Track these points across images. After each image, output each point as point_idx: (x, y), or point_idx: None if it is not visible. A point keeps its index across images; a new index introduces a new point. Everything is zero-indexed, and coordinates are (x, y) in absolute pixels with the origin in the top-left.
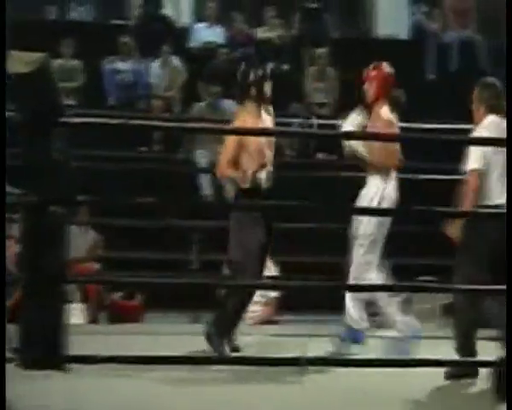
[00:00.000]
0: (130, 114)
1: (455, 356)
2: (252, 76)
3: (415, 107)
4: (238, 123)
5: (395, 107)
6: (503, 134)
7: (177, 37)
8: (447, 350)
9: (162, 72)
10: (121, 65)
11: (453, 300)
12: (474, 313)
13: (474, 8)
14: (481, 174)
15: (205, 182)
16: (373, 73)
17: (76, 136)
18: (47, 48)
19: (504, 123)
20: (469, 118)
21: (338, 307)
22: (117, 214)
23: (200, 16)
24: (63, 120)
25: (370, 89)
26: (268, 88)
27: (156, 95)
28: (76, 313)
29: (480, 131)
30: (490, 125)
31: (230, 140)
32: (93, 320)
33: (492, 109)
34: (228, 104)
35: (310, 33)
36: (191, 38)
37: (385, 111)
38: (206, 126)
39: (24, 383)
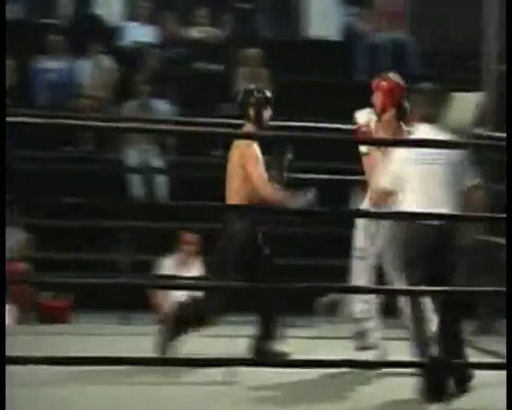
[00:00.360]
0: (61, 114)
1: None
2: (252, 98)
3: (346, 107)
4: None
5: (403, 116)
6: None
7: (108, 36)
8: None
9: (93, 71)
10: (51, 64)
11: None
12: None
13: (405, 9)
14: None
15: (136, 182)
16: (379, 84)
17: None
18: None
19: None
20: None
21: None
22: (46, 215)
23: (131, 16)
24: None
25: (377, 99)
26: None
27: (87, 94)
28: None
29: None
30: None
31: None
32: (22, 321)
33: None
34: (159, 104)
35: (242, 34)
36: (123, 37)
37: (391, 120)
38: (137, 126)
39: None
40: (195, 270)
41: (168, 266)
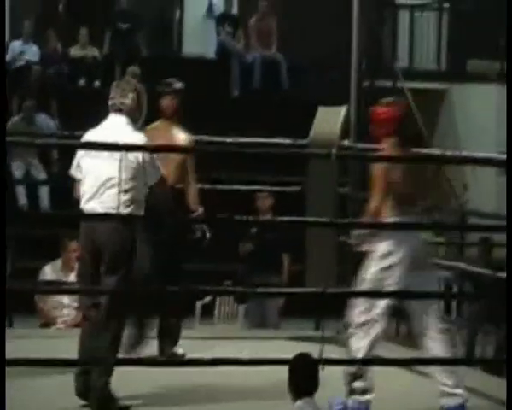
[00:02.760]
0: None
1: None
2: (163, 91)
3: (221, 122)
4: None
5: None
6: None
7: None
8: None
9: None
10: None
11: None
12: None
13: (275, 29)
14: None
15: (21, 192)
16: (373, 113)
17: None
18: None
19: None
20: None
21: None
22: None
23: (16, 34)
24: None
25: (373, 130)
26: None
27: None
28: None
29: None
30: None
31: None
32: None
33: None
34: (42, 118)
35: (121, 51)
36: (7, 54)
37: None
38: (22, 140)
39: None
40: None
41: (50, 271)
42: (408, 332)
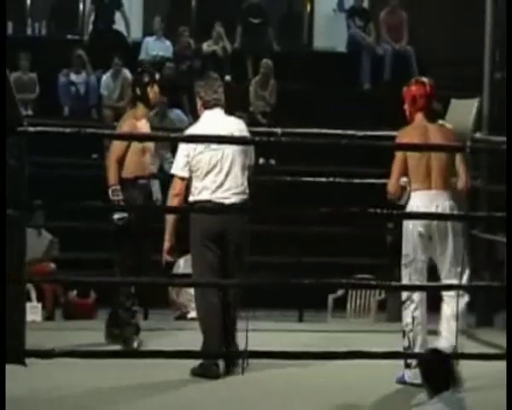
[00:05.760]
0: (83, 123)
1: None
2: (139, 81)
3: (352, 115)
4: (125, 125)
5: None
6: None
7: (127, 50)
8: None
9: (113, 83)
10: (75, 77)
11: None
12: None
13: (406, 22)
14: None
15: (155, 187)
16: (405, 92)
17: (32, 144)
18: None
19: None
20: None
21: None
22: (71, 217)
23: (149, 30)
24: (21, 129)
25: (406, 107)
26: (153, 92)
27: (108, 105)
28: (33, 311)
29: None
30: None
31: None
32: (49, 317)
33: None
34: (175, 113)
35: (252, 46)
36: (141, 51)
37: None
38: (156, 134)
39: None
40: None
41: (184, 265)
42: None
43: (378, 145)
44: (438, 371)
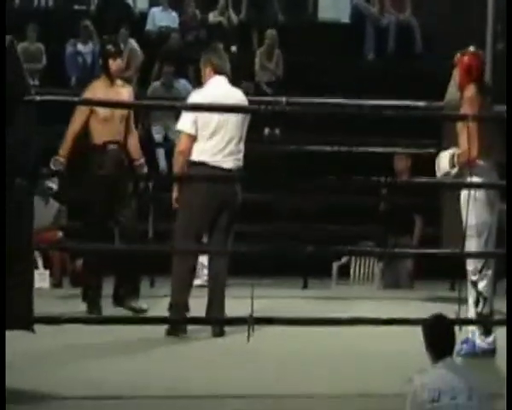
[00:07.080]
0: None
1: None
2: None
3: (356, 85)
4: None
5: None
6: None
7: (134, 21)
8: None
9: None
10: (82, 47)
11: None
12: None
13: None
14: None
15: (161, 156)
16: (459, 60)
17: (40, 114)
18: (12, 32)
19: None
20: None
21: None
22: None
23: (156, 1)
24: (29, 98)
25: (458, 75)
26: (116, 63)
27: None
28: (41, 278)
29: None
30: None
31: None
32: (57, 285)
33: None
34: (181, 83)
35: (258, 17)
36: (147, 22)
37: (470, 93)
38: (162, 103)
39: None
40: None
41: None
42: None
43: (386, 115)
44: (443, 336)
